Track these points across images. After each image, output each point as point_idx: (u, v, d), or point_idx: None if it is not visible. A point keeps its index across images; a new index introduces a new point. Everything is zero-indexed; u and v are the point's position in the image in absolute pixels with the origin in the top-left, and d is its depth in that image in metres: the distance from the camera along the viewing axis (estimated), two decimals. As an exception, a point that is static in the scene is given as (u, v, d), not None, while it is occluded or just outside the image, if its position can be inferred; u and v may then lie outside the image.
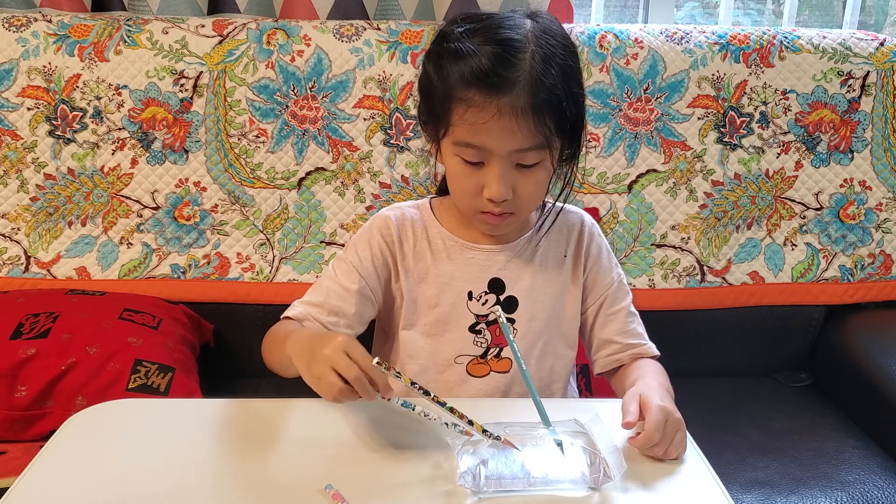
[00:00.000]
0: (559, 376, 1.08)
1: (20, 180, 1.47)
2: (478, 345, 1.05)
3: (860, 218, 1.58)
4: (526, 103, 0.89)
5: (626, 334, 1.07)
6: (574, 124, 0.95)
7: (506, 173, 0.93)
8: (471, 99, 0.90)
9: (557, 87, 0.91)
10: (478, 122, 0.91)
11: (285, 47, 1.50)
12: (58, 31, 1.48)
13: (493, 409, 0.93)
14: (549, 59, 0.91)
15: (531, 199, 0.98)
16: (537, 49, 0.91)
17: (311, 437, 0.88)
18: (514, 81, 0.89)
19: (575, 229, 1.09)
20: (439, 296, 1.05)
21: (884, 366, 1.40)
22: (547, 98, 0.90)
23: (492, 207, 0.96)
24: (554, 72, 0.91)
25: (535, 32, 0.92)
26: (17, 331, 1.25)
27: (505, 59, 0.90)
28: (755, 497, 1.21)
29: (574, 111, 0.94)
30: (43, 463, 0.84)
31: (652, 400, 0.85)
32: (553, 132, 0.92)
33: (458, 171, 0.96)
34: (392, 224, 1.06)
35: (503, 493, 0.78)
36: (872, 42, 1.59)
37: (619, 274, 1.10)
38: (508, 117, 0.89)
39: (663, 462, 0.85)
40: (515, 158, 0.93)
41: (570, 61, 0.94)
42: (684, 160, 1.55)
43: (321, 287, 1.04)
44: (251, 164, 1.50)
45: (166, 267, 1.48)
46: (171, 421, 0.93)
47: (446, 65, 0.93)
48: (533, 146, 0.92)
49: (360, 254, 1.05)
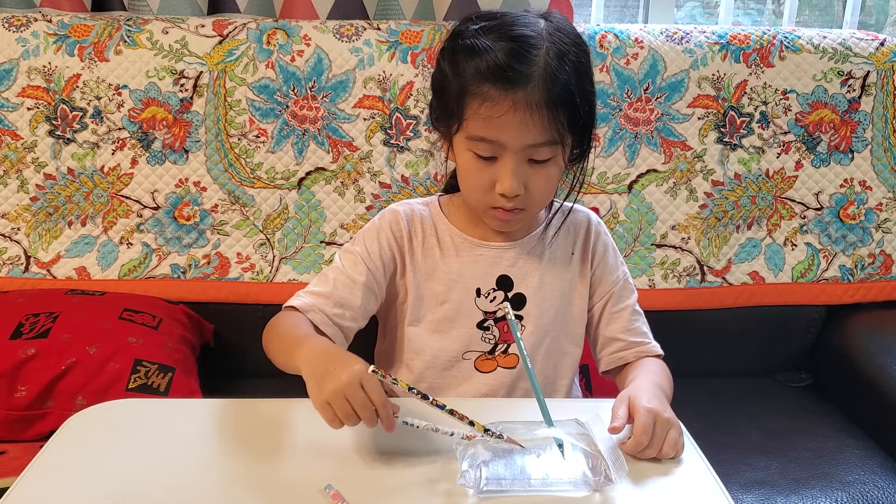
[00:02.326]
0: (564, 374, 1.09)
1: (20, 180, 1.47)
2: (486, 341, 1.06)
3: (860, 218, 1.58)
4: (541, 98, 0.90)
5: (630, 332, 1.07)
6: (585, 122, 0.96)
7: (518, 168, 0.94)
8: (486, 93, 0.92)
9: (571, 83, 0.92)
10: (493, 115, 0.92)
11: (285, 47, 1.50)
12: (58, 31, 1.48)
13: (493, 409, 0.93)
14: (562, 56, 0.92)
15: (542, 194, 0.99)
16: (551, 46, 0.92)
17: (311, 437, 0.88)
18: (530, 76, 0.90)
19: (582, 227, 1.10)
20: (447, 292, 1.05)
21: (884, 366, 1.40)
22: (561, 93, 0.91)
23: (503, 203, 0.97)
24: (568, 68, 0.92)
25: (548, 30, 0.94)
26: (17, 331, 1.25)
27: (520, 54, 0.91)
28: (755, 497, 1.21)
29: (587, 108, 0.95)
30: (43, 463, 0.84)
31: (640, 402, 0.85)
32: (565, 128, 0.93)
33: (471, 167, 0.97)
34: (402, 219, 1.07)
35: (503, 493, 0.78)
36: (872, 42, 1.59)
37: (625, 272, 1.11)
38: (523, 111, 0.90)
39: (663, 462, 0.85)
40: (528, 153, 0.94)
41: (583, 60, 0.95)
42: (684, 160, 1.55)
43: (327, 278, 1.04)
44: (251, 164, 1.50)
45: (166, 267, 1.48)
46: (171, 421, 0.93)
47: (461, 60, 0.94)
48: (546, 141, 0.93)
49: (368, 247, 1.05)
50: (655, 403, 0.86)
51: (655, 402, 0.87)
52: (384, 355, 1.12)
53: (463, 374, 1.06)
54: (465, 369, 1.06)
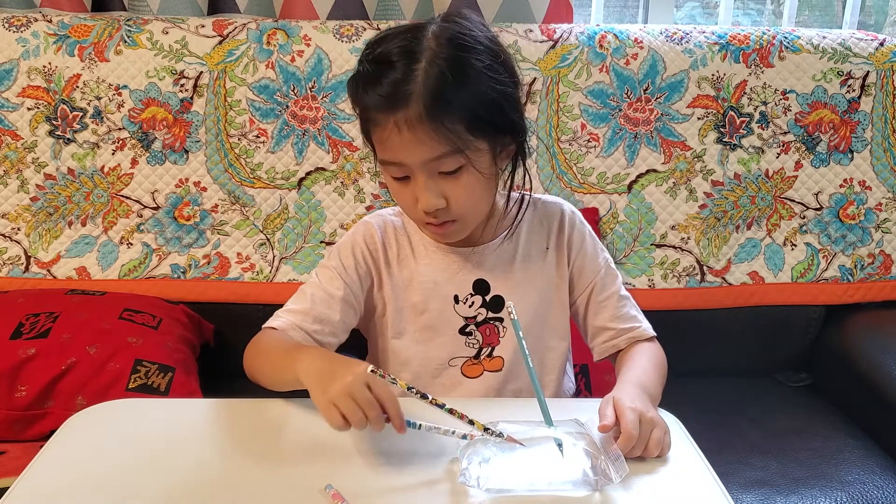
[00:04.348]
0: (550, 369, 1.09)
1: (20, 180, 1.47)
2: (470, 346, 1.06)
3: (860, 218, 1.58)
4: (419, 114, 0.88)
5: (619, 319, 1.07)
6: (497, 124, 0.94)
7: (428, 183, 0.93)
8: (375, 118, 0.92)
9: (460, 91, 0.90)
10: (384, 139, 0.92)
11: (285, 47, 1.50)
12: (58, 31, 1.48)
13: (493, 408, 0.93)
14: (449, 65, 0.89)
15: (465, 204, 0.96)
16: (435, 58, 0.90)
17: (311, 437, 0.88)
18: (407, 94, 0.89)
19: (555, 220, 1.09)
20: (426, 302, 1.05)
21: (884, 366, 1.40)
22: (445, 105, 0.89)
23: (430, 218, 0.96)
24: (451, 77, 0.89)
25: (438, 40, 0.91)
26: (17, 331, 1.25)
27: (396, 76, 0.89)
28: (755, 497, 1.21)
29: (491, 111, 0.92)
30: (43, 463, 0.84)
31: (623, 403, 0.85)
32: (466, 135, 0.90)
33: (393, 188, 0.98)
34: (376, 232, 1.07)
35: (504, 492, 0.78)
36: (872, 42, 1.59)
37: (606, 259, 1.10)
38: (406, 131, 0.89)
39: (663, 462, 0.85)
40: (433, 168, 0.92)
41: (483, 61, 0.92)
42: (684, 160, 1.55)
43: (305, 294, 1.04)
44: (251, 164, 1.50)
45: (166, 267, 1.48)
46: (171, 421, 0.93)
47: (357, 89, 0.94)
48: (443, 154, 0.91)
49: (343, 261, 1.05)
50: (639, 404, 0.86)
51: (639, 402, 0.87)
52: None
53: (451, 382, 1.06)
54: (453, 376, 1.06)
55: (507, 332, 1.06)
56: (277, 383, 0.96)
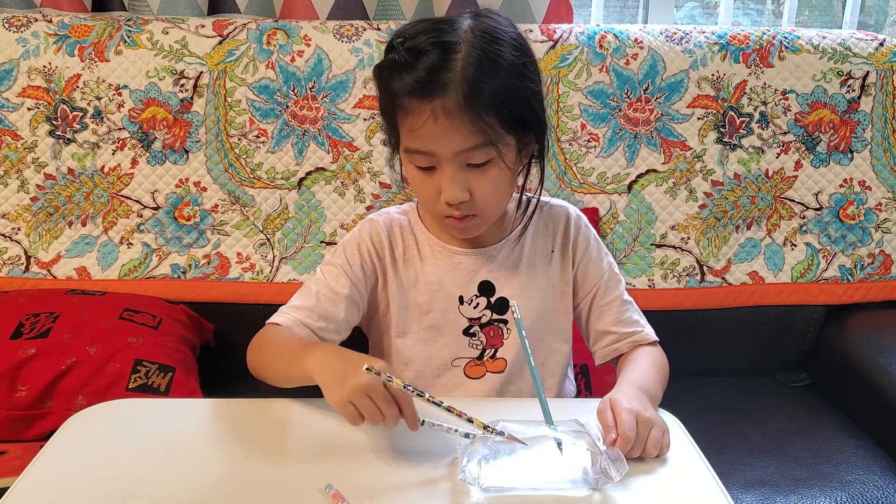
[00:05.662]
0: (552, 371, 1.09)
1: (20, 180, 1.47)
2: (473, 347, 1.06)
3: (860, 218, 1.58)
4: (458, 103, 0.89)
5: (621, 323, 1.07)
6: (526, 120, 0.95)
7: (456, 175, 0.93)
8: (408, 106, 0.91)
9: (496, 84, 0.90)
10: (416, 127, 0.91)
11: (285, 47, 1.50)
12: (58, 32, 1.48)
13: (492, 408, 0.93)
14: (486, 57, 0.90)
15: (489, 198, 0.97)
16: (472, 49, 0.90)
17: (311, 437, 0.88)
18: (446, 83, 0.89)
19: (561, 223, 1.09)
20: (430, 302, 1.05)
21: (884, 366, 1.40)
22: (482, 96, 0.89)
23: (452, 211, 0.96)
24: (488, 68, 0.90)
25: (474, 32, 0.92)
26: (18, 331, 1.25)
27: (435, 63, 0.90)
28: (755, 497, 1.21)
29: (522, 106, 0.93)
30: (43, 463, 0.84)
31: (621, 404, 0.85)
32: (499, 129, 0.91)
33: (416, 178, 0.97)
34: (382, 230, 1.07)
35: (503, 491, 0.78)
36: (872, 42, 1.59)
37: (610, 263, 1.10)
38: (443, 119, 0.90)
39: (663, 462, 0.85)
40: (463, 159, 0.93)
41: (515, 57, 0.93)
42: (684, 160, 1.55)
43: (309, 291, 1.04)
44: (251, 164, 1.50)
45: (166, 267, 1.48)
46: (171, 421, 0.93)
47: (387, 77, 0.94)
48: (477, 145, 0.91)
49: (349, 258, 1.05)
50: (636, 404, 0.86)
51: (636, 402, 0.87)
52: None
53: (453, 382, 1.06)
54: (455, 376, 1.06)
55: (511, 334, 1.06)
56: (284, 380, 0.96)
